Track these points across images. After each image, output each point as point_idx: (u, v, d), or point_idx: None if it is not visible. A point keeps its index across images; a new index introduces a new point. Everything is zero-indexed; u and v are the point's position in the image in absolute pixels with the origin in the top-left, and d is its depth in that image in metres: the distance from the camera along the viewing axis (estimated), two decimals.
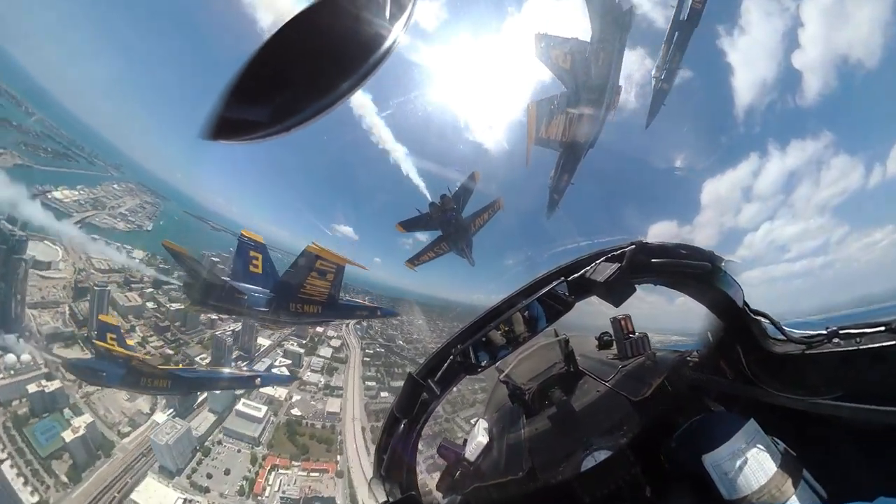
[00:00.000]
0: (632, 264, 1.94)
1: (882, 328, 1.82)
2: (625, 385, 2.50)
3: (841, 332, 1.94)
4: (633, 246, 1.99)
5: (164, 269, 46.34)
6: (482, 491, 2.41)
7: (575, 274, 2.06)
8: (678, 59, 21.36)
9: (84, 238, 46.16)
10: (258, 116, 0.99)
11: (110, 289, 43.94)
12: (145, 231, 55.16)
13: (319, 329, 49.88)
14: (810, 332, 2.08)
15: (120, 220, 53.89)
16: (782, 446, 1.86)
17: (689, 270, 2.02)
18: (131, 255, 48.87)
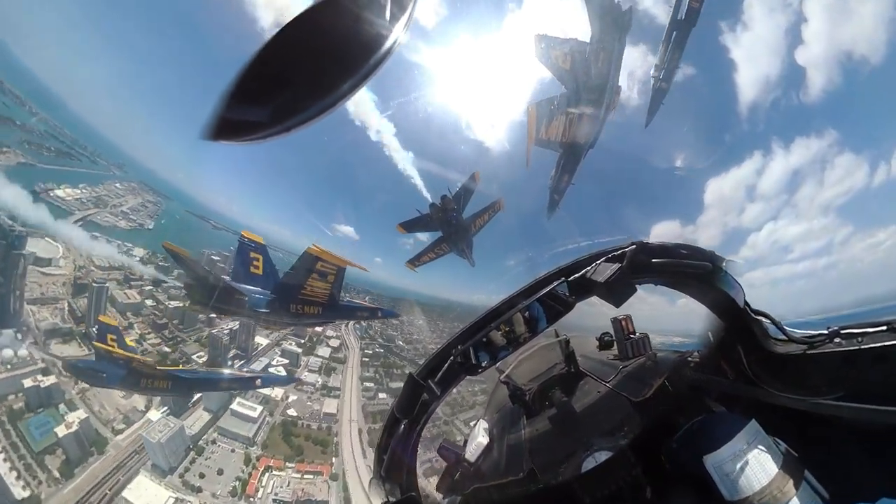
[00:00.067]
0: (632, 264, 1.94)
1: (884, 327, 1.82)
2: (625, 386, 2.50)
3: (842, 332, 1.94)
4: (634, 246, 1.99)
5: (164, 268, 46.31)
6: (482, 492, 2.40)
7: (575, 274, 2.06)
8: (677, 59, 21.38)
9: (85, 236, 46.29)
10: (259, 117, 0.99)
11: (109, 286, 43.86)
12: (146, 229, 55.31)
13: (318, 329, 49.27)
14: (812, 332, 2.07)
15: (121, 219, 54.05)
16: (784, 447, 1.85)
17: (690, 270, 2.01)
18: (131, 253, 48.98)
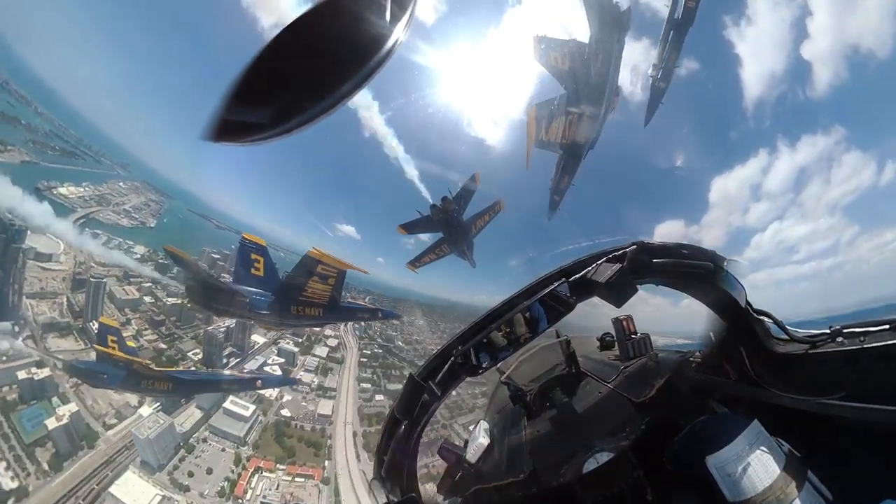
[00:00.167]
0: (633, 264, 1.93)
1: (886, 326, 1.81)
2: (627, 386, 2.48)
3: (844, 331, 1.93)
4: (635, 246, 1.99)
5: (164, 266, 46.33)
6: (483, 493, 2.39)
7: (576, 275, 2.05)
8: (675, 58, 21.45)
9: (86, 234, 46.44)
10: (260, 118, 0.99)
11: (107, 281, 43.92)
12: (148, 227, 55.72)
13: (317, 328, 48.73)
14: (814, 332, 2.06)
15: (124, 217, 54.52)
16: (787, 447, 1.84)
17: (691, 270, 2.00)
18: (132, 251, 49.08)
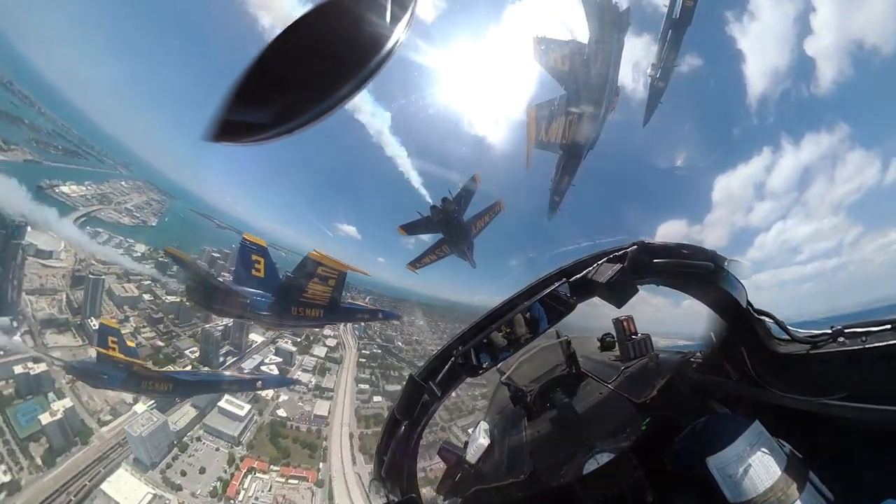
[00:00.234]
0: (634, 265, 1.93)
1: (888, 326, 1.80)
2: (627, 387, 2.48)
3: (846, 331, 1.93)
4: (635, 246, 1.98)
5: (164, 264, 46.35)
6: (483, 493, 2.39)
7: (577, 275, 2.05)
8: (673, 57, 21.49)
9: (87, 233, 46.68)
10: (261, 118, 1.00)
11: (105, 278, 43.86)
12: (150, 226, 55.97)
13: (317, 328, 48.28)
14: (815, 332, 2.06)
15: (125, 215, 54.81)
16: (788, 448, 1.83)
17: (692, 270, 2.00)
18: (133, 249, 49.24)
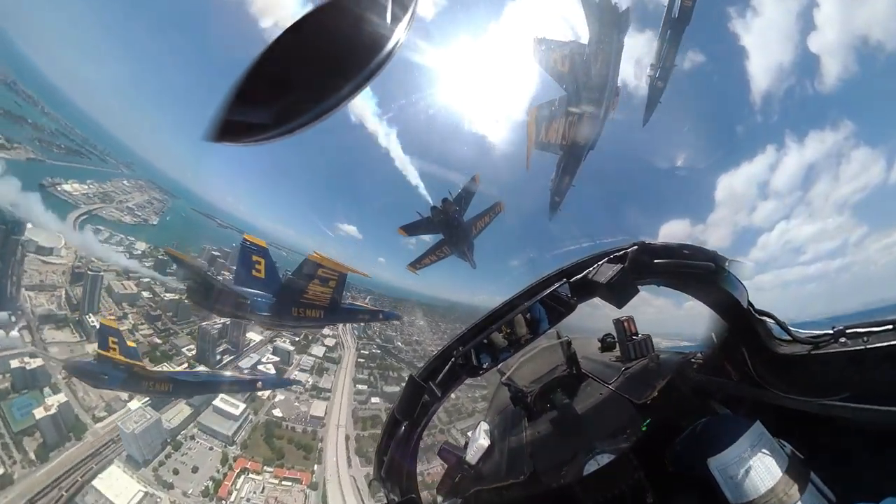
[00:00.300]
0: (634, 265, 1.93)
1: (889, 326, 1.80)
2: (628, 388, 2.47)
3: (847, 332, 1.92)
4: (636, 246, 1.99)
5: (163, 262, 46.60)
6: (483, 494, 2.38)
7: (577, 275, 2.05)
8: (672, 57, 21.48)
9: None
10: (262, 119, 1.00)
11: (104, 274, 43.93)
12: (151, 224, 56.46)
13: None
14: (816, 332, 2.05)
15: (126, 214, 55.34)
16: (789, 449, 1.83)
17: (693, 271, 2.00)
18: (133, 247, 49.58)
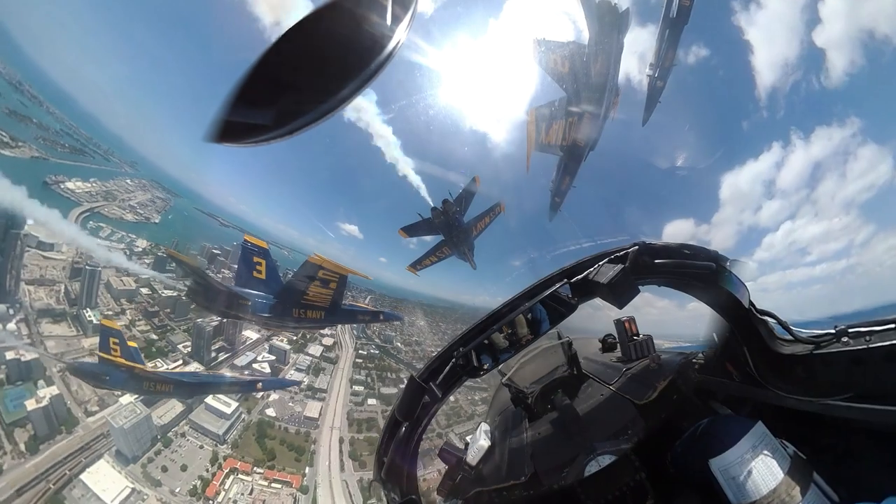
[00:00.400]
0: (635, 265, 1.93)
1: (892, 325, 1.79)
2: (629, 388, 2.46)
3: (850, 331, 1.91)
4: (637, 247, 1.98)
5: (163, 260, 46.94)
6: (483, 495, 2.37)
7: (578, 276, 2.05)
8: (671, 56, 21.52)
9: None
10: (263, 120, 1.00)
11: (101, 270, 44.01)
12: (153, 223, 56.95)
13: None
14: (818, 332, 2.04)
15: (129, 212, 55.85)
16: (791, 449, 1.82)
17: (694, 271, 1.99)
18: (134, 244, 49.90)
